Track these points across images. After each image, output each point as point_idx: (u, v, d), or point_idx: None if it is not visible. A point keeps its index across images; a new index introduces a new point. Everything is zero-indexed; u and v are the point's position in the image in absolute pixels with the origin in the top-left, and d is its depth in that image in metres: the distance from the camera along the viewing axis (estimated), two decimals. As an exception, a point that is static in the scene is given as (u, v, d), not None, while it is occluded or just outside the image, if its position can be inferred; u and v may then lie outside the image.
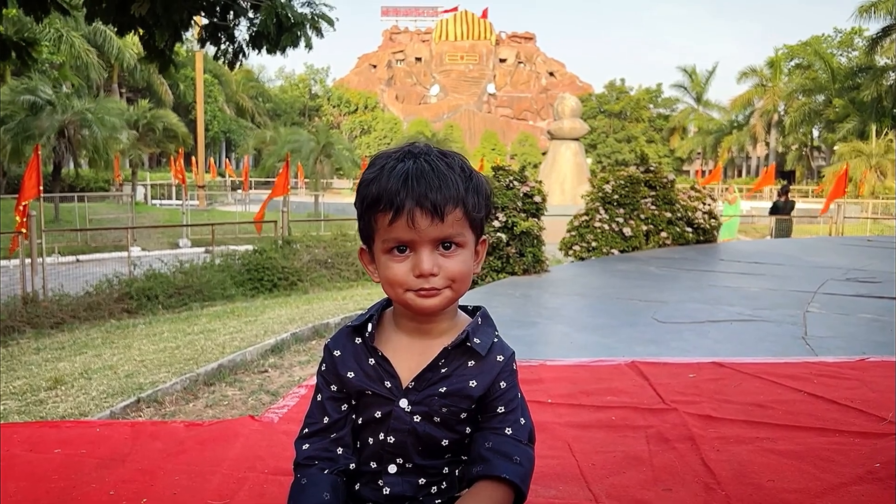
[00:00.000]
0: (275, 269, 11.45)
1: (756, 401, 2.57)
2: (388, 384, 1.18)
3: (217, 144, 52.82)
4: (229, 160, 51.97)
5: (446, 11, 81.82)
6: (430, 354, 1.17)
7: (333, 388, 1.22)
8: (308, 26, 7.24)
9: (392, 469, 1.20)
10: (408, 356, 1.19)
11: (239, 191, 34.28)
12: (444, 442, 1.18)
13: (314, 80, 70.23)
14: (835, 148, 40.84)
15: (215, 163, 46.63)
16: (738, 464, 2.02)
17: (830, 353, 3.45)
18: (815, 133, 50.04)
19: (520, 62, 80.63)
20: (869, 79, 42.26)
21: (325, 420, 1.23)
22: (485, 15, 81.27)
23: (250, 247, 12.69)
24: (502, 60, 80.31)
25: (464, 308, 1.24)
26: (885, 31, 39.06)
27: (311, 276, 11.81)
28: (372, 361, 1.19)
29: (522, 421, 1.20)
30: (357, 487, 1.23)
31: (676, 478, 1.94)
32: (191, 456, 2.09)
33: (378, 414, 1.19)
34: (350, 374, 1.20)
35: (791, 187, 19.03)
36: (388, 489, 1.20)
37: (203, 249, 14.92)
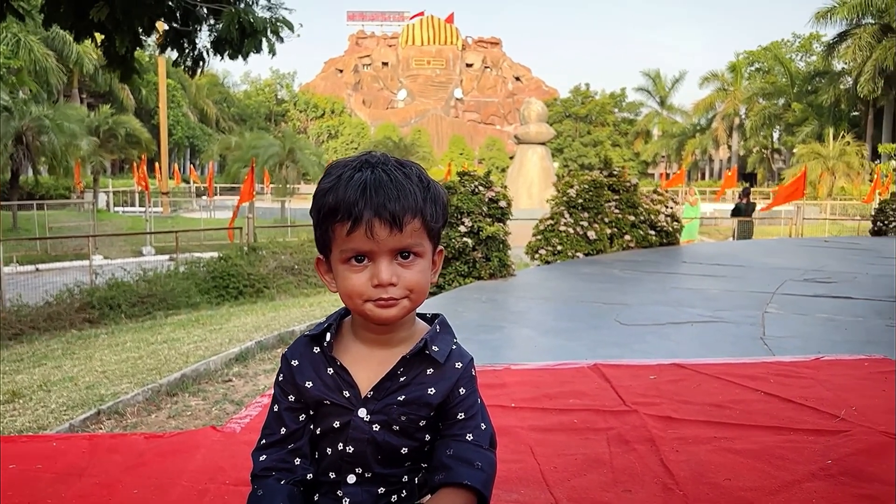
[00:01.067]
0: (240, 276, 11.33)
1: (714, 401, 2.63)
2: (346, 394, 1.18)
3: (181, 150, 52.11)
4: (194, 166, 51.26)
5: (413, 16, 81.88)
6: (388, 363, 1.17)
7: (291, 398, 1.22)
8: (270, 31, 7.19)
9: (351, 479, 1.19)
10: (366, 365, 1.19)
11: (204, 197, 33.84)
12: (404, 450, 1.18)
13: (280, 85, 69.71)
14: (794, 150, 41.74)
15: (179, 169, 45.97)
16: (696, 464, 2.06)
17: (787, 353, 3.53)
18: (776, 136, 51.12)
19: (486, 67, 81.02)
20: (826, 83, 43.36)
21: (283, 431, 1.22)
22: (450, 20, 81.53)
23: (215, 254, 12.54)
24: (469, 65, 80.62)
25: (422, 316, 1.24)
26: (842, 37, 40.14)
27: (278, 282, 11.71)
28: (330, 371, 1.19)
29: (483, 426, 1.21)
30: (316, 498, 1.23)
31: (636, 479, 1.97)
32: (150, 469, 2.06)
33: (337, 424, 1.18)
34: (308, 384, 1.19)
35: (752, 189, 19.41)
36: (348, 499, 1.19)
37: (167, 257, 14.70)
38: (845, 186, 33.58)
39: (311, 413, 1.22)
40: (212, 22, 7.04)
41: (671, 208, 8.79)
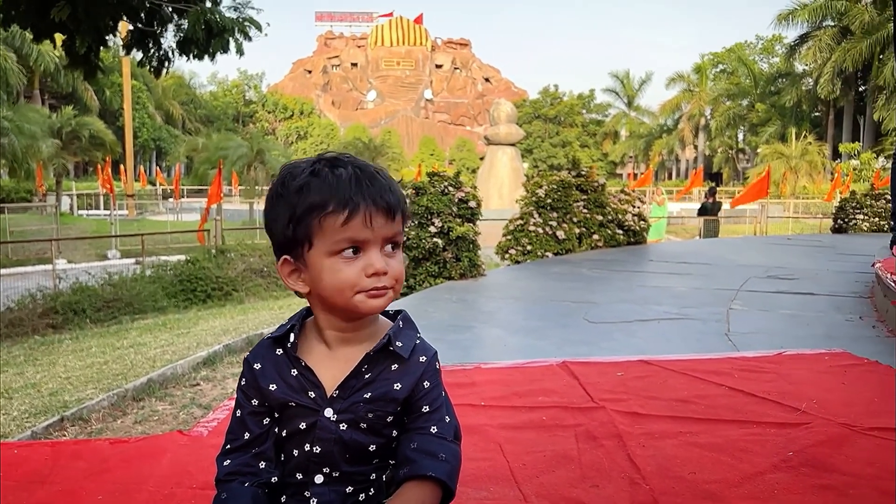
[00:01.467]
0: (208, 279, 11.19)
1: (680, 396, 2.67)
2: (312, 394, 1.17)
3: (147, 152, 51.29)
4: (160, 168, 50.53)
5: (381, 16, 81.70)
6: (353, 361, 1.17)
7: (254, 402, 1.21)
8: (237, 31, 7.13)
9: (318, 479, 1.19)
10: (331, 365, 1.18)
11: (170, 199, 33.37)
12: (372, 447, 1.18)
13: (248, 86, 69.02)
14: (758, 150, 42.54)
15: (145, 171, 45.29)
16: (662, 458, 2.09)
17: (751, 348, 3.60)
18: (740, 136, 52.06)
19: (456, 68, 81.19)
20: (788, 84, 44.26)
21: (246, 435, 1.21)
22: (419, 21, 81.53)
23: (183, 257, 12.37)
24: (438, 66, 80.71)
25: (384, 313, 1.24)
26: (802, 39, 41.01)
27: (247, 285, 11.59)
28: (294, 372, 1.18)
29: (447, 419, 1.21)
30: (283, 500, 1.22)
31: (603, 474, 2.00)
32: (116, 474, 2.03)
33: (303, 425, 1.18)
34: (272, 387, 1.18)
35: (718, 189, 19.74)
36: (315, 499, 1.19)
37: (133, 261, 14.46)
38: (807, 185, 34.33)
39: (276, 416, 1.21)
40: (177, 21, 6.96)
41: (638, 208, 8.90)
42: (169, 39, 7.30)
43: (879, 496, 1.87)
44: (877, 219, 11.39)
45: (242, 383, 1.22)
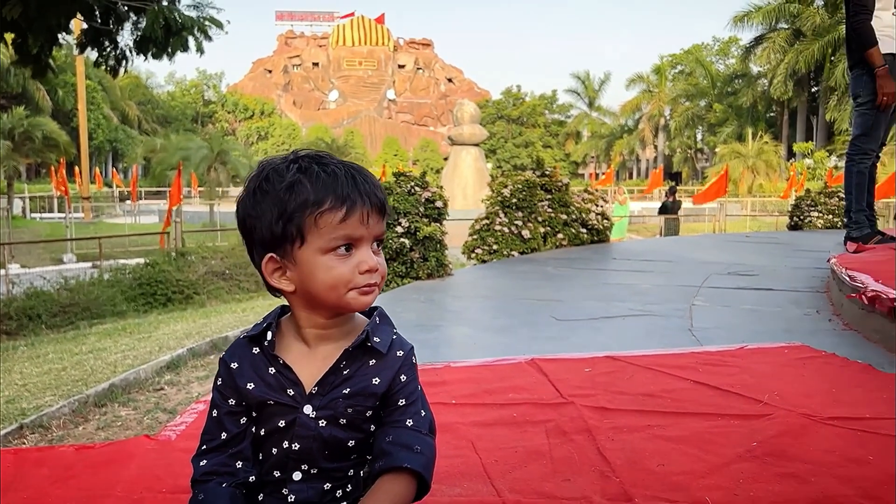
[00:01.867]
0: (168, 282, 11.00)
1: (647, 391, 2.71)
2: (290, 392, 1.17)
3: (102, 154, 50.19)
4: (116, 170, 49.43)
5: (343, 17, 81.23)
6: (331, 358, 1.18)
7: (231, 402, 1.20)
8: (197, 30, 7.03)
9: (297, 476, 1.19)
10: (309, 362, 1.18)
11: (127, 202, 32.69)
12: (350, 443, 1.19)
13: (207, 86, 67.95)
14: (716, 150, 43.42)
15: (101, 173, 44.29)
16: (630, 451, 2.13)
17: (714, 343, 3.67)
18: (699, 136, 53.06)
19: (419, 68, 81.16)
20: (744, 85, 45.24)
21: (223, 435, 1.20)
22: (381, 20, 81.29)
23: (142, 260, 12.14)
24: (401, 66, 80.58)
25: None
26: (757, 41, 41.99)
27: (209, 288, 11.43)
28: (272, 371, 1.18)
29: (423, 413, 1.22)
30: (260, 498, 1.22)
31: (574, 468, 2.02)
32: (81, 481, 1.99)
33: (282, 423, 1.17)
34: (250, 386, 1.18)
35: (678, 188, 20.10)
36: (293, 496, 1.19)
37: (90, 265, 14.14)
38: (764, 184, 35.16)
39: (254, 415, 1.20)
40: (135, 20, 6.84)
41: (601, 207, 9.01)
42: (126, 38, 7.18)
43: (839, 483, 1.93)
44: (831, 216, 11.71)
45: (219, 383, 1.22)
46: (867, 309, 3.55)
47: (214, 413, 1.22)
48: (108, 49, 7.10)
